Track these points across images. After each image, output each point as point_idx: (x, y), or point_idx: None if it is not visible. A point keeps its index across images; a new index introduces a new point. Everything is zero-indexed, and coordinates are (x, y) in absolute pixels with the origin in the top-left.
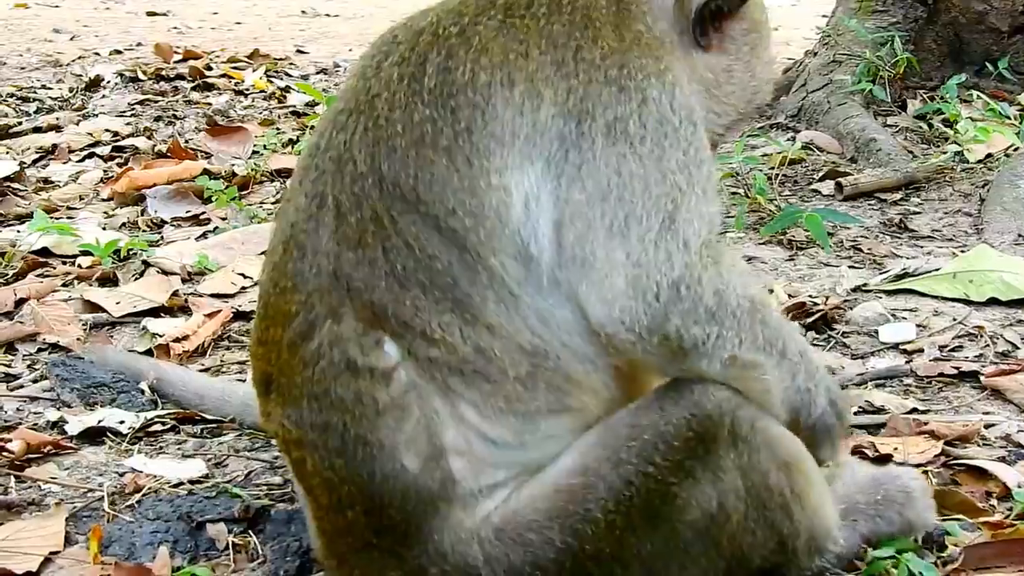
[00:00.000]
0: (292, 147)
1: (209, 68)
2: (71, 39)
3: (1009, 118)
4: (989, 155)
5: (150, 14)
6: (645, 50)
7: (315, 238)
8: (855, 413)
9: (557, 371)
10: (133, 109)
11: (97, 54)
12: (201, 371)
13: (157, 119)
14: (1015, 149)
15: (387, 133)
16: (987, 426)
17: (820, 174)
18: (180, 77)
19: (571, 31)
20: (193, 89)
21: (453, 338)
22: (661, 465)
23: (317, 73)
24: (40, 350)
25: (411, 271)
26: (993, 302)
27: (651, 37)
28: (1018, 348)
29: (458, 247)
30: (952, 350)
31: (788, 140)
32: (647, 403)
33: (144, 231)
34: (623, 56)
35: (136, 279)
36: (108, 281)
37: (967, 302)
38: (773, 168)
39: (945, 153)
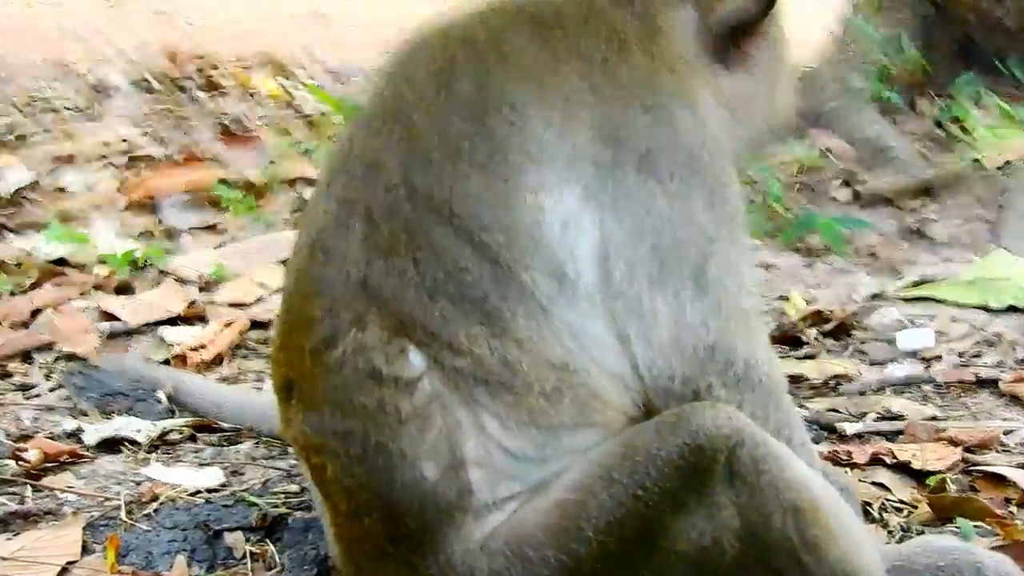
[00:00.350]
0: (308, 155)
1: (215, 68)
2: (79, 42)
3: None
4: (1007, 162)
5: (157, 13)
6: (675, 70)
7: (344, 244)
8: (875, 420)
9: (584, 386)
10: (147, 116)
11: (107, 59)
12: (218, 380)
13: (171, 126)
14: None
15: (421, 145)
16: (1006, 433)
17: (836, 181)
18: (189, 79)
19: (599, 45)
20: (206, 95)
21: (480, 350)
22: (651, 490)
23: (330, 78)
24: (57, 359)
25: (441, 282)
26: (1012, 309)
27: (676, 56)
28: None
29: (490, 261)
30: (971, 357)
31: (804, 146)
32: (648, 425)
33: (160, 240)
34: (654, 77)
35: (152, 288)
36: (125, 290)
37: (986, 309)
38: (798, 174)
39: (961, 159)
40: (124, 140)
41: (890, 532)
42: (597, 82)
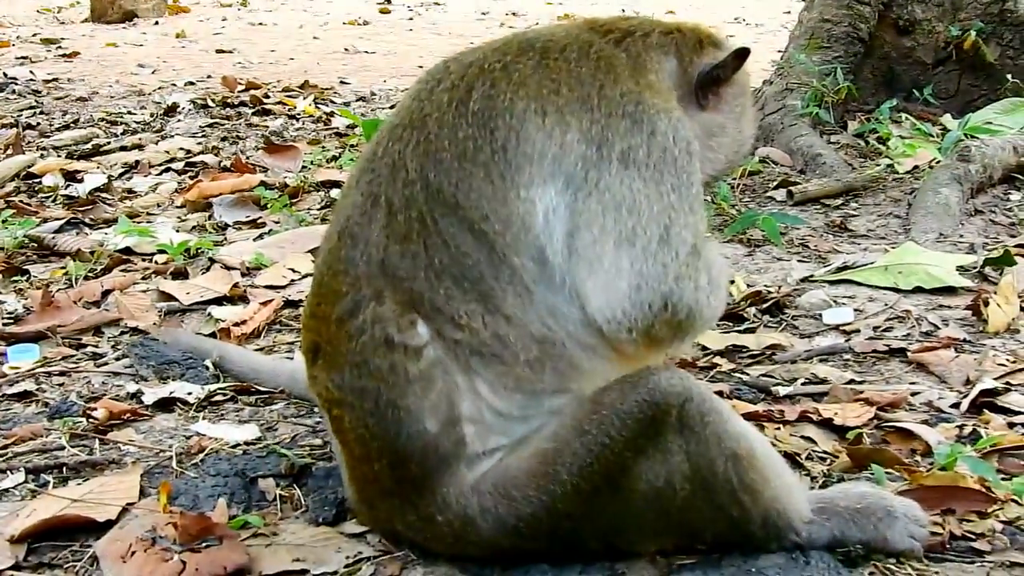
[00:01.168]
0: (335, 162)
1: (267, 96)
2: (152, 72)
3: (932, 136)
4: (916, 167)
5: (219, 51)
6: (656, 94)
7: (367, 231)
8: (803, 384)
9: (562, 357)
10: (203, 131)
11: (174, 85)
12: (256, 350)
13: (223, 139)
14: (937, 162)
15: (435, 147)
16: (913, 394)
17: (774, 183)
18: (243, 104)
19: (595, 73)
20: (253, 114)
21: (476, 324)
22: (616, 439)
23: (357, 100)
24: (123, 333)
25: (447, 265)
26: (918, 290)
27: (661, 86)
28: (939, 328)
29: (487, 247)
30: (884, 330)
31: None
32: (613, 385)
33: (210, 233)
34: (639, 95)
35: (203, 273)
36: (180, 275)
37: (896, 290)
38: (736, 179)
39: (879, 165)
40: (184, 151)
41: (814, 479)
42: (588, 97)
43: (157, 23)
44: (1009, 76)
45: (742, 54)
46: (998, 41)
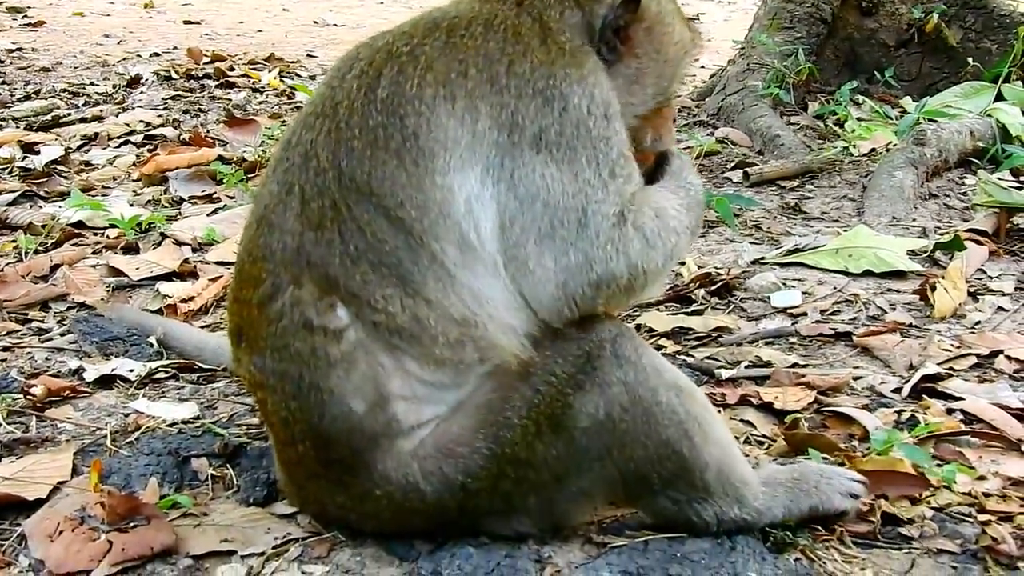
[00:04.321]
0: None
1: (231, 69)
2: (118, 43)
3: (892, 118)
4: (873, 150)
5: (186, 22)
6: (570, 59)
7: (283, 219)
8: (747, 367)
9: (484, 338)
10: (165, 103)
11: (139, 56)
12: (203, 327)
13: (185, 112)
14: (893, 145)
15: (346, 135)
16: (856, 378)
17: (732, 164)
18: (207, 76)
19: (504, 47)
20: (217, 87)
21: (394, 307)
22: (560, 375)
23: (322, 74)
24: (69, 308)
25: (362, 251)
26: (868, 274)
27: (573, 47)
28: (886, 312)
29: (404, 233)
30: (831, 314)
31: (708, 135)
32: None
33: (165, 207)
34: (551, 67)
35: (155, 248)
36: (131, 250)
37: (846, 273)
38: (697, 159)
39: (836, 148)
40: (144, 123)
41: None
42: (497, 77)
43: None
44: (970, 59)
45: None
46: (960, 24)
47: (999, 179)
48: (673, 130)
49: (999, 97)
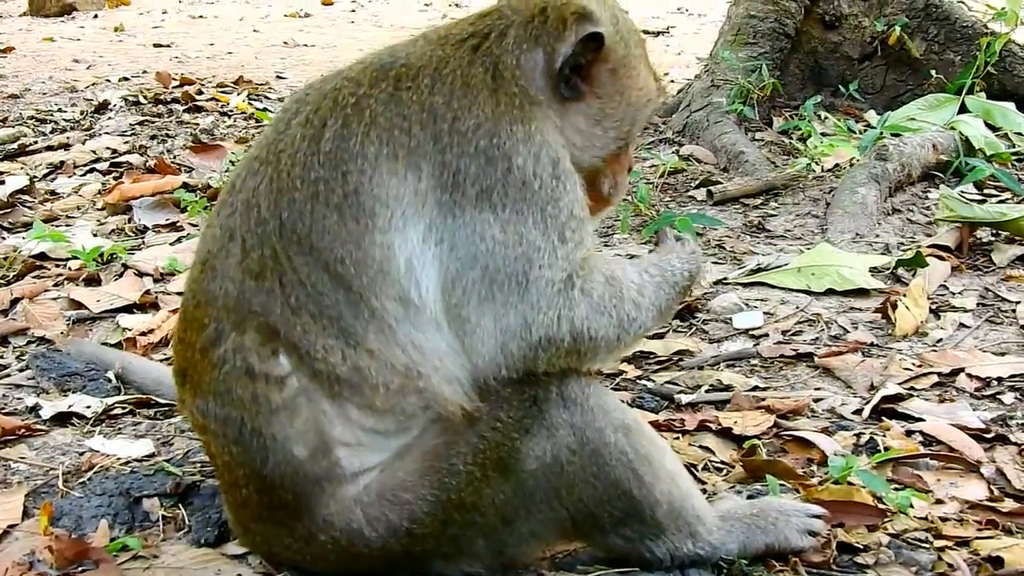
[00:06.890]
0: None
1: (200, 92)
2: (87, 68)
3: (856, 132)
4: (837, 165)
5: (156, 45)
6: (517, 114)
7: (225, 264)
8: (707, 391)
9: (427, 388)
10: (133, 129)
11: (108, 81)
12: (163, 359)
13: (152, 137)
14: (857, 160)
15: (288, 186)
16: (816, 400)
17: (696, 182)
18: (175, 101)
19: (450, 101)
20: (185, 111)
21: (335, 358)
22: (506, 420)
23: (290, 92)
24: (29, 343)
25: (303, 302)
26: (831, 292)
27: (525, 98)
28: (848, 332)
29: (344, 288)
30: (793, 334)
31: (672, 153)
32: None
33: (129, 236)
34: (495, 124)
35: (116, 279)
36: (92, 281)
37: (809, 293)
38: (660, 177)
39: (799, 164)
40: (110, 150)
41: (711, 493)
42: (440, 135)
43: (96, 16)
44: (934, 71)
45: (593, 38)
46: (923, 36)
47: (962, 192)
48: (627, 179)
49: (963, 109)
